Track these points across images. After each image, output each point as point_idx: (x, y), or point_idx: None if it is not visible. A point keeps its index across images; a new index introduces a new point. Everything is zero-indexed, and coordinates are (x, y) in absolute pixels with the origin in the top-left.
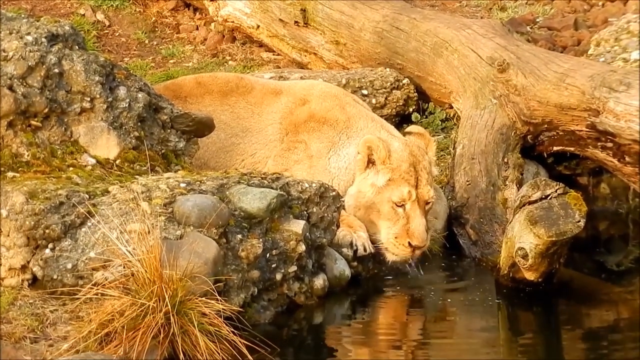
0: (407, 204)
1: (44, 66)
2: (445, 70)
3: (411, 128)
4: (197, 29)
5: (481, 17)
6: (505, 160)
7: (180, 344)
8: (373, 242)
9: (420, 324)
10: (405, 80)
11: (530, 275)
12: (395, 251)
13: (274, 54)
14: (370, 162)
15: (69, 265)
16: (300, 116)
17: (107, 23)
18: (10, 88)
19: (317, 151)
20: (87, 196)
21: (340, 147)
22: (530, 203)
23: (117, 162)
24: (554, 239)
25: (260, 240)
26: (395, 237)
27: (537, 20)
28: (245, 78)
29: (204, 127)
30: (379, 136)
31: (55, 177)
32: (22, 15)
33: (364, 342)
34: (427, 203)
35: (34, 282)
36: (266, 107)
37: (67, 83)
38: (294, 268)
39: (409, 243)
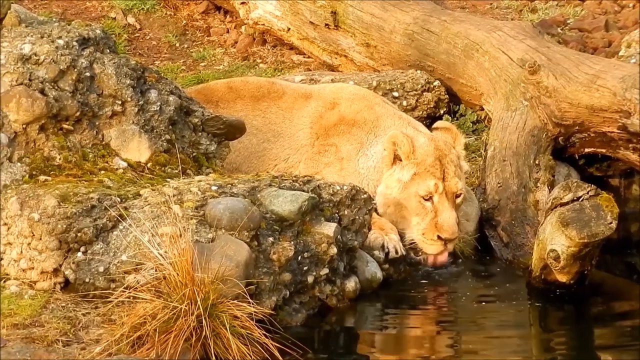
0: (434, 197)
1: (75, 70)
2: (476, 72)
3: (438, 123)
4: (228, 32)
5: (512, 19)
6: (537, 162)
7: (212, 347)
8: (406, 240)
9: (451, 328)
10: (436, 83)
11: (562, 277)
12: (425, 247)
13: (304, 57)
14: (397, 158)
15: (101, 269)
16: (330, 120)
17: (138, 26)
18: (42, 92)
19: (347, 153)
20: (119, 199)
21: (369, 146)
22: (561, 205)
23: (149, 165)
24: (585, 240)
25: (292, 243)
26: (423, 233)
27: (568, 21)
28: (276, 83)
29: (235, 130)
30: (404, 132)
31: (86, 181)
32: (53, 19)
33: (395, 345)
34: (457, 196)
35: (66, 285)
36: (297, 111)
37: (99, 86)
38: (325, 271)
39: (439, 236)
